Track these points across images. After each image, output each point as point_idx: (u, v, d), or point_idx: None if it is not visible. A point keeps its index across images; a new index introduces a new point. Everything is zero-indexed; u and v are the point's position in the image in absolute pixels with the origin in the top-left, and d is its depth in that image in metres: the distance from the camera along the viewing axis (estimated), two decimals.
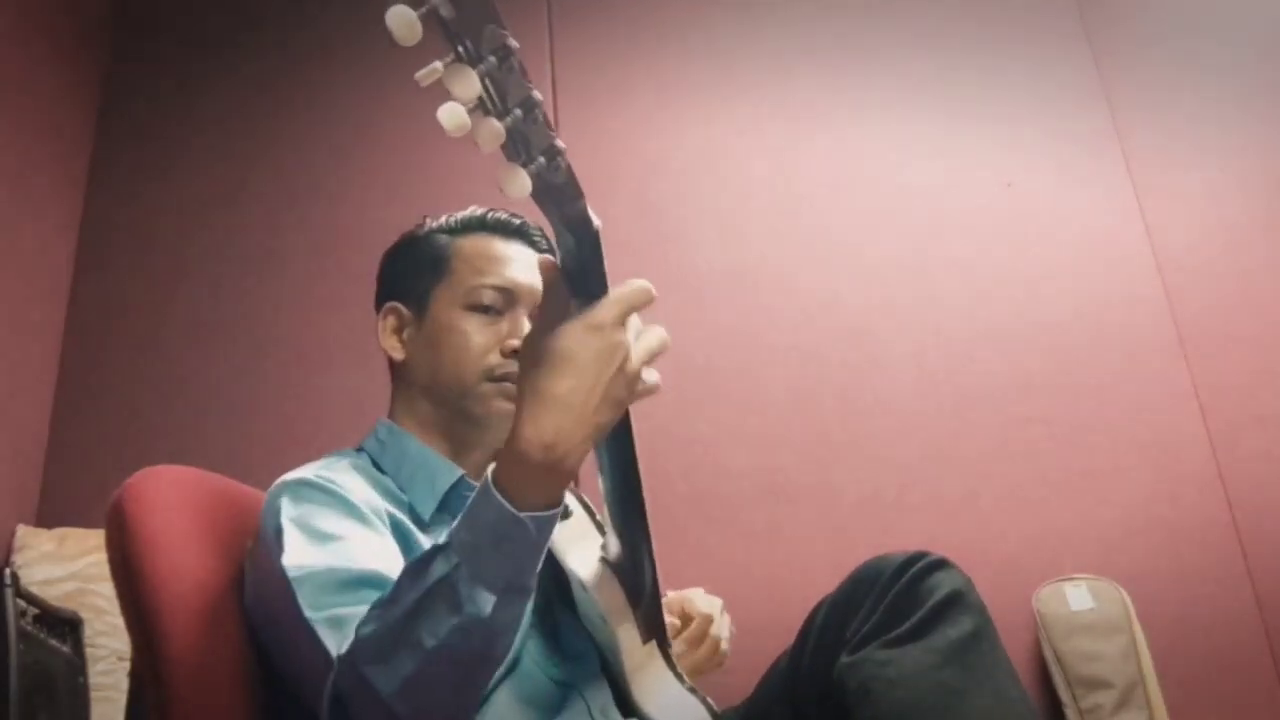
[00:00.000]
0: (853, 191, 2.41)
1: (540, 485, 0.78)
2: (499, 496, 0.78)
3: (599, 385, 0.76)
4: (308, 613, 0.85)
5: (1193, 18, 2.56)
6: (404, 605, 0.78)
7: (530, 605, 0.83)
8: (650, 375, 0.80)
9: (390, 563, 0.91)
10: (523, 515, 0.77)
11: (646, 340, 0.80)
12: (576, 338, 0.76)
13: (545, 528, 0.79)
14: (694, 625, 1.20)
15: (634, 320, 0.79)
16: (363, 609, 0.83)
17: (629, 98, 2.52)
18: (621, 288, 0.78)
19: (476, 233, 1.17)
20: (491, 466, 0.81)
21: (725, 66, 2.55)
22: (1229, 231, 2.33)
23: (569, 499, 1.09)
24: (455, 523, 0.80)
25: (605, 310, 0.76)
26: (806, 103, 2.51)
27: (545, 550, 0.81)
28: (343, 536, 0.92)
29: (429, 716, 0.79)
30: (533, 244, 1.17)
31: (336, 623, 0.84)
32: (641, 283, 0.78)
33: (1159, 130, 2.44)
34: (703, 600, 1.26)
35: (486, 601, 0.77)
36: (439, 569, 0.78)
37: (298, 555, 0.90)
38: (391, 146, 2.45)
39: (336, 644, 0.83)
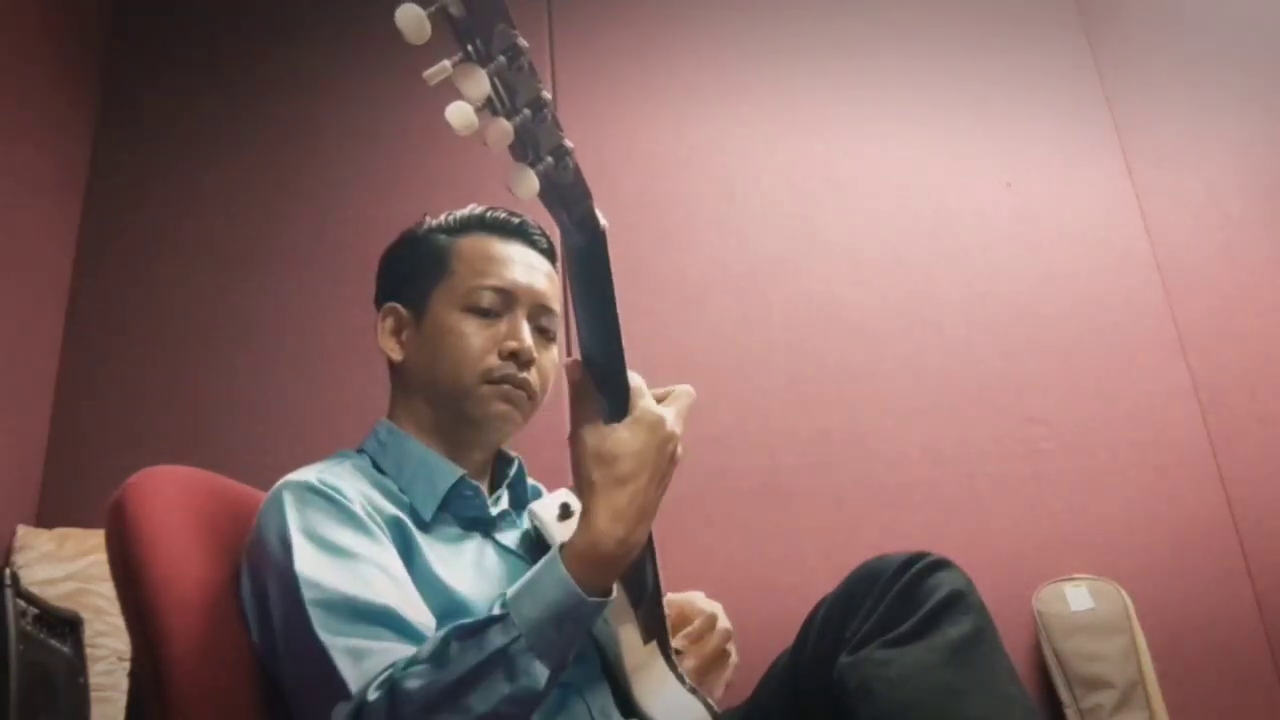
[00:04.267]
0: (853, 191, 2.41)
1: (610, 573, 0.87)
2: (570, 579, 0.84)
3: (658, 474, 0.89)
4: (322, 635, 0.86)
5: (1193, 17, 2.56)
6: (457, 670, 0.81)
7: None
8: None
9: (402, 592, 0.92)
10: (591, 599, 0.84)
11: (682, 425, 0.93)
12: (642, 437, 0.88)
13: (605, 609, 0.88)
14: (697, 623, 1.20)
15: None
16: (381, 645, 0.85)
17: (629, 97, 2.52)
18: (675, 392, 0.94)
19: (476, 232, 1.15)
20: (557, 546, 0.87)
21: (725, 66, 2.55)
22: (1229, 231, 2.33)
23: (570, 499, 1.09)
24: (513, 592, 0.85)
25: (665, 410, 0.90)
26: (806, 102, 2.51)
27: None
28: (355, 554, 0.93)
29: None
30: (533, 243, 1.16)
31: (356, 655, 0.85)
32: (687, 387, 0.95)
33: (1159, 130, 2.44)
34: (704, 603, 1.25)
35: (542, 674, 0.82)
36: (497, 639, 0.82)
37: (310, 565, 0.90)
38: (392, 145, 2.45)
39: (356, 678, 0.84)
